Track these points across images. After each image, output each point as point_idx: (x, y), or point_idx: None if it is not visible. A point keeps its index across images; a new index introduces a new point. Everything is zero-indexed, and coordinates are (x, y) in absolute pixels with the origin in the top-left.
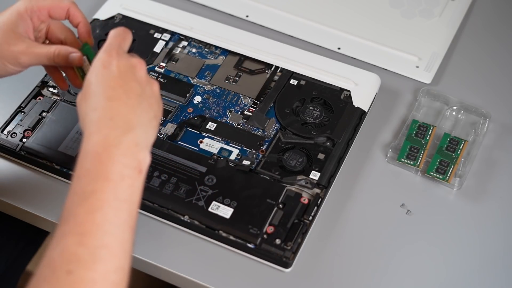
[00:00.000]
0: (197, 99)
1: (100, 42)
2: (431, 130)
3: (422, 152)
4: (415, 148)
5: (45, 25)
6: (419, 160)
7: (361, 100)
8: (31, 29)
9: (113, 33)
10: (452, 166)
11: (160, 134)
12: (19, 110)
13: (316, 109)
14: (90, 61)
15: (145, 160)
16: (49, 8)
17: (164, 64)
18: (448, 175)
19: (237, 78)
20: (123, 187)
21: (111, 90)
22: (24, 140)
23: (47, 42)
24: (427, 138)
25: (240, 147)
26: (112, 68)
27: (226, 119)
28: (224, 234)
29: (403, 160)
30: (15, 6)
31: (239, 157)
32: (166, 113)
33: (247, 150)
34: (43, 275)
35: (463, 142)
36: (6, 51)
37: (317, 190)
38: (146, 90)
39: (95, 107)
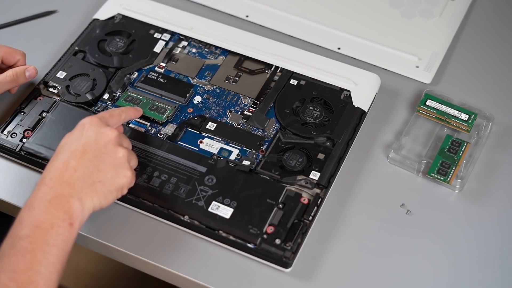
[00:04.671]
0: (197, 99)
1: (99, 42)
2: (464, 146)
3: (454, 168)
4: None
5: None
6: (449, 176)
7: (361, 100)
8: None
9: (112, 109)
10: (454, 168)
11: (160, 134)
12: (19, 110)
13: (316, 109)
14: None
15: (77, 215)
16: (3, 56)
17: (164, 64)
18: (449, 176)
19: (237, 78)
20: (53, 235)
21: (66, 154)
22: (24, 140)
23: None
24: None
25: (240, 147)
26: (81, 132)
27: (226, 119)
28: (224, 234)
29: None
30: None
31: (239, 157)
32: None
33: (247, 150)
34: None
35: (465, 144)
36: None
37: (317, 190)
38: (104, 157)
39: (49, 166)
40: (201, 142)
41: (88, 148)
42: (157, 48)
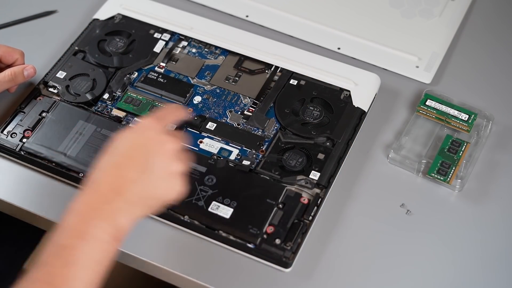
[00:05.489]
0: (197, 99)
1: (99, 42)
2: (464, 146)
3: (454, 168)
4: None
5: None
6: (449, 176)
7: (361, 100)
8: None
9: (167, 107)
10: (454, 168)
11: None
12: (19, 110)
13: (316, 109)
14: None
15: (123, 230)
16: (1, 55)
17: (164, 64)
18: (449, 176)
19: (237, 78)
20: (96, 249)
21: (120, 157)
22: (24, 140)
23: None
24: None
25: (240, 147)
26: (138, 136)
27: (226, 119)
28: (224, 234)
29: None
30: None
31: (239, 157)
32: None
33: (247, 150)
34: None
35: (465, 144)
36: None
37: (317, 190)
38: (160, 171)
39: (101, 168)
40: (201, 142)
41: (145, 159)
42: (157, 48)
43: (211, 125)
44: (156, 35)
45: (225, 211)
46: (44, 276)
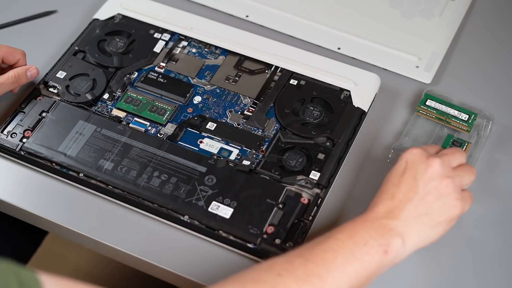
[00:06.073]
0: (197, 99)
1: (99, 42)
2: (464, 146)
3: None
4: None
5: None
6: None
7: (361, 100)
8: None
9: (453, 149)
10: None
11: (160, 134)
12: (19, 110)
13: (316, 109)
14: None
15: (395, 246)
16: (3, 56)
17: (164, 64)
18: None
19: (237, 78)
20: (361, 250)
21: (391, 187)
22: (24, 140)
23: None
24: None
25: (240, 147)
26: (402, 164)
27: (226, 119)
28: (224, 234)
29: None
30: None
31: (239, 157)
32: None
33: (247, 150)
34: (261, 266)
35: (466, 144)
36: None
37: (317, 190)
38: (429, 188)
39: (385, 182)
40: (201, 142)
41: (413, 180)
42: (157, 48)
43: (211, 125)
44: (156, 35)
45: (225, 211)
46: (304, 253)
